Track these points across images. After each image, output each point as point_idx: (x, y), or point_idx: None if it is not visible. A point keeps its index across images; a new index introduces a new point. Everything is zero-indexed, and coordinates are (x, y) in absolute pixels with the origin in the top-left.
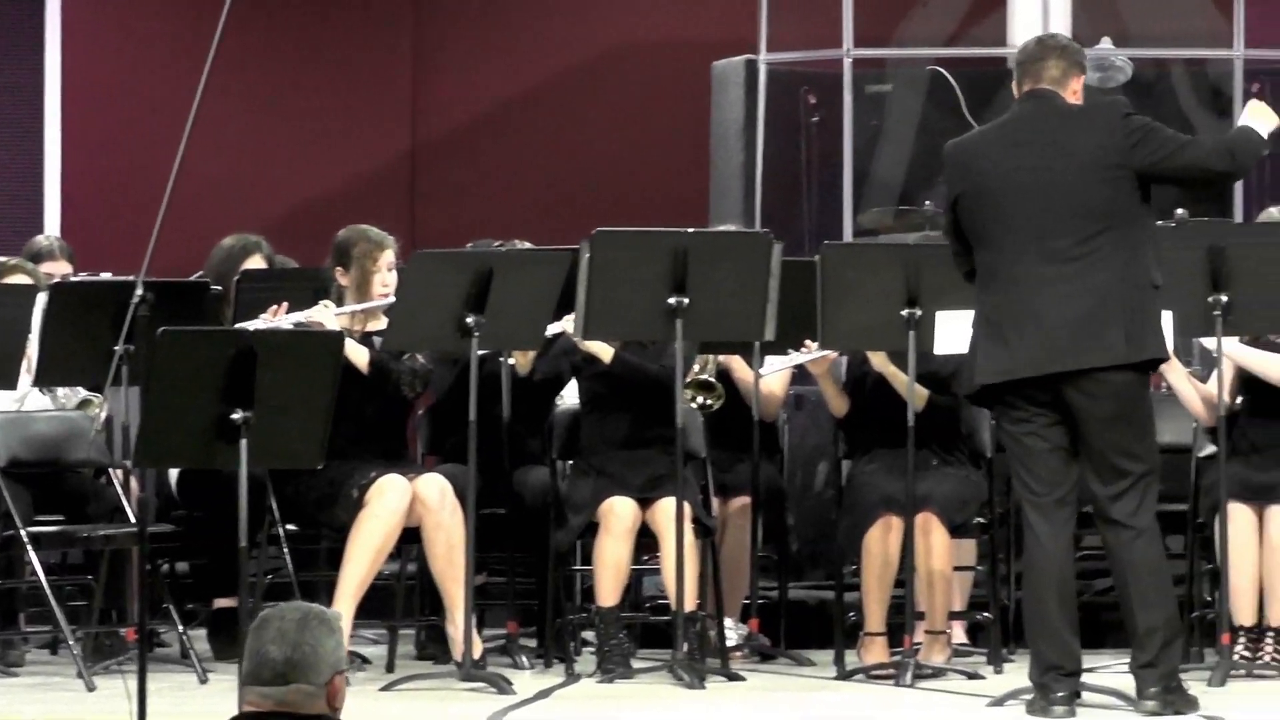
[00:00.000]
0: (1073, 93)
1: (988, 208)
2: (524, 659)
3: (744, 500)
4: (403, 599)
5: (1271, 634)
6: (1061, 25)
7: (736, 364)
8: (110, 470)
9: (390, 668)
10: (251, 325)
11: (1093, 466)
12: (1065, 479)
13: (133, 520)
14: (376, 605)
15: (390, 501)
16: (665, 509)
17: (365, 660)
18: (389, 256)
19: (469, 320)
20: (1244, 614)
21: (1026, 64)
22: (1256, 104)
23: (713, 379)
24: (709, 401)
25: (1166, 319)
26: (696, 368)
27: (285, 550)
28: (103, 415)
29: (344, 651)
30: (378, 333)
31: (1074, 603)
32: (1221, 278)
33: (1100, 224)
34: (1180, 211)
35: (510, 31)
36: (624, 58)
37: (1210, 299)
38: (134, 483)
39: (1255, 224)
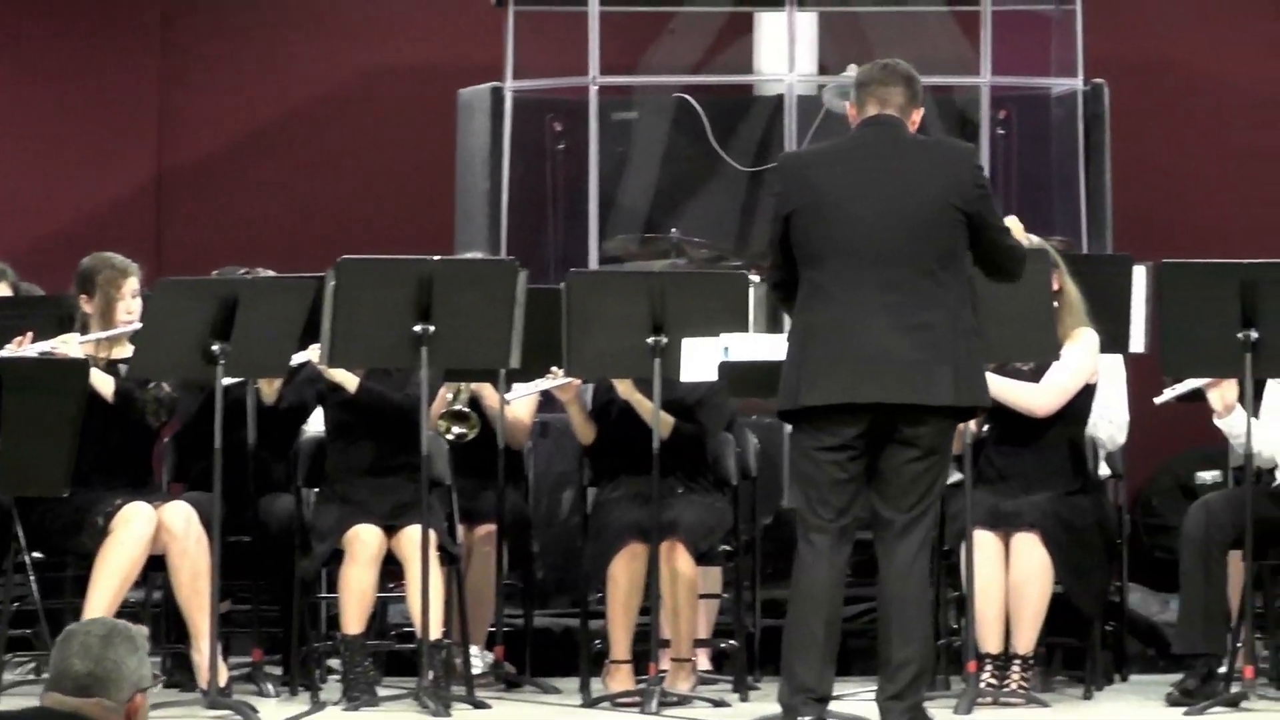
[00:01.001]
0: (912, 124)
1: (825, 227)
2: (269, 686)
3: (489, 528)
4: (149, 626)
5: (1018, 661)
6: (808, 52)
7: (487, 392)
8: None
9: None
10: None
11: (888, 497)
12: (853, 508)
13: None
14: None
15: (136, 529)
16: (410, 536)
17: None
18: (133, 284)
19: (214, 348)
20: (990, 642)
21: (870, 87)
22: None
23: (466, 409)
24: (464, 431)
25: None
26: (449, 397)
27: (31, 578)
28: None
29: (148, 669)
30: (123, 360)
31: (838, 632)
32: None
33: (938, 262)
34: None
35: (258, 55)
36: (371, 84)
37: None
38: None
39: None
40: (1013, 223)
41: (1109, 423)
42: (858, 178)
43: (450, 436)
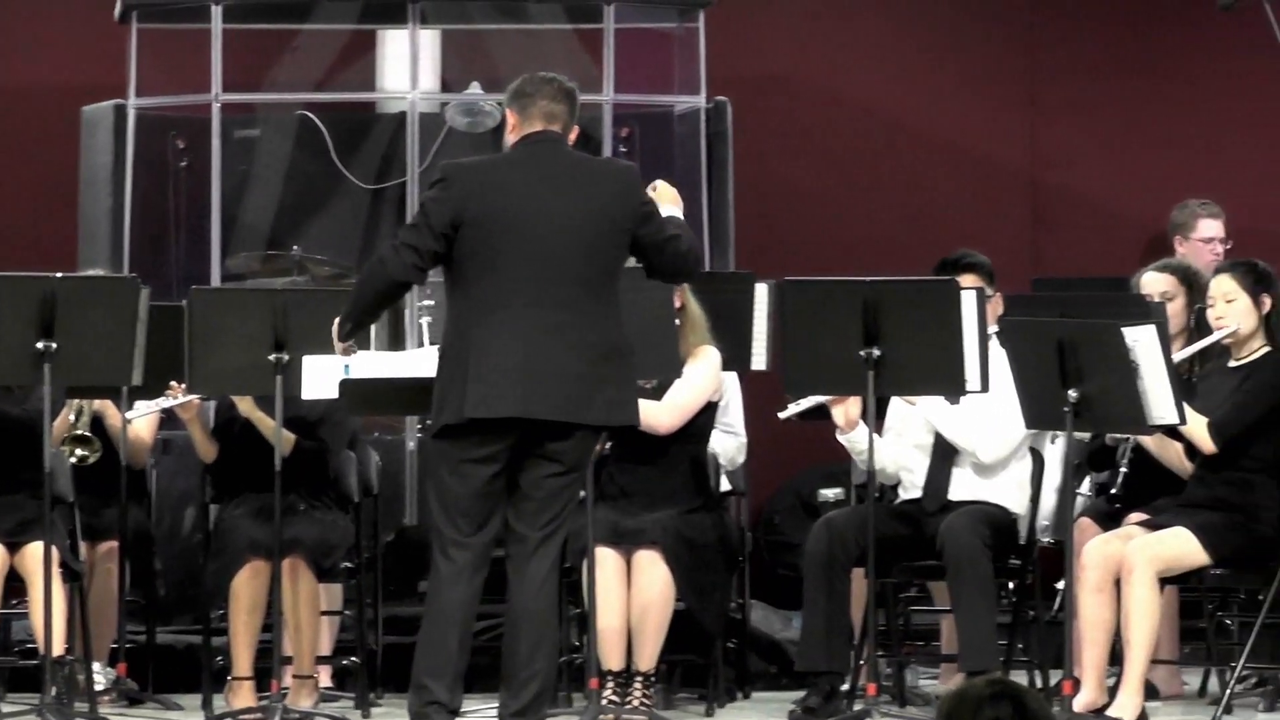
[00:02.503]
0: (571, 141)
1: (498, 241)
2: None
3: (111, 544)
4: None
5: (640, 678)
6: (431, 70)
7: (109, 409)
8: None
9: None
10: None
11: (526, 513)
12: (493, 525)
13: None
14: None
15: None
16: (33, 553)
17: None
18: None
19: None
20: (612, 659)
21: (538, 101)
22: (665, 188)
23: (88, 433)
24: (86, 454)
25: None
26: (71, 418)
27: None
28: None
29: None
30: None
31: (469, 647)
32: None
33: (602, 281)
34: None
35: None
36: None
37: None
38: None
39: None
40: (663, 188)
41: (730, 440)
42: (531, 193)
43: (73, 460)
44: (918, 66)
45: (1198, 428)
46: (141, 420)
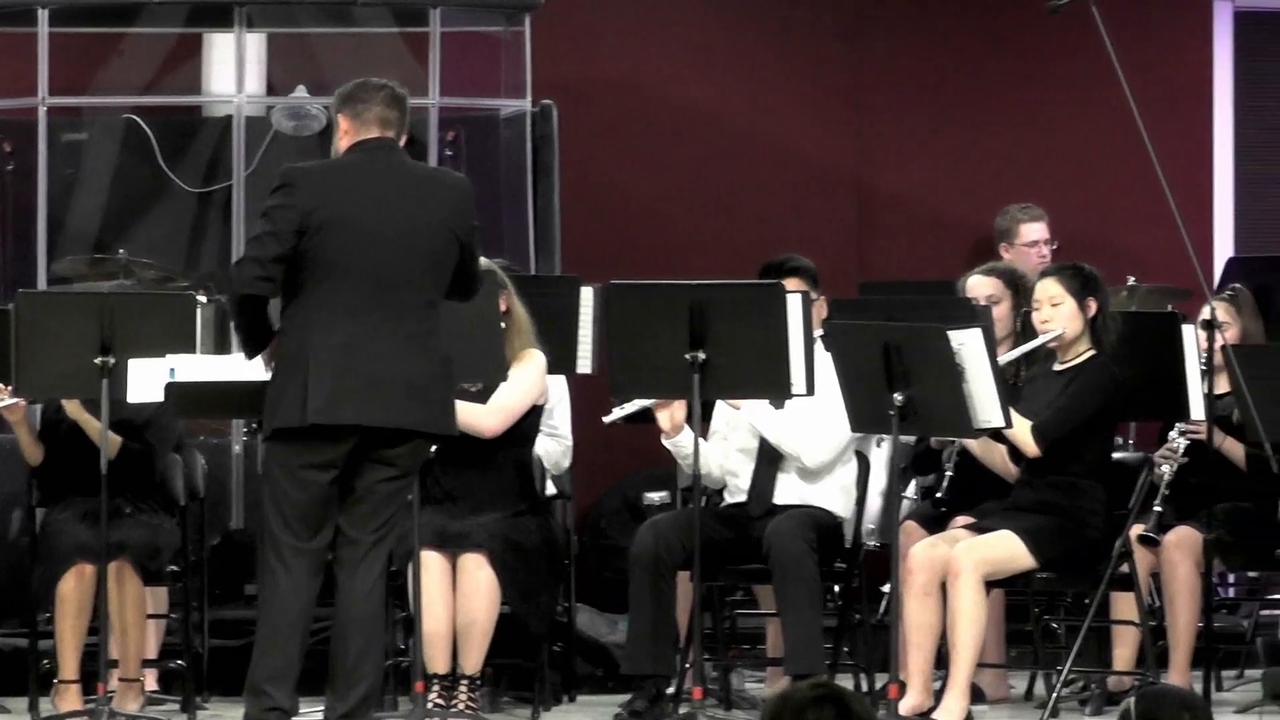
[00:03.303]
0: (402, 148)
1: (334, 245)
2: None
3: None
4: None
5: (465, 682)
6: (257, 74)
7: None
8: None
9: None
10: None
11: (358, 517)
12: (328, 530)
13: None
14: None
15: None
16: None
17: None
18: None
19: None
20: (438, 662)
21: (373, 107)
22: None
23: None
24: None
25: None
26: None
27: None
28: None
29: None
30: None
31: (303, 654)
32: None
33: (437, 290)
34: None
35: None
36: None
37: None
38: None
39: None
40: None
41: (556, 444)
42: (373, 200)
43: None
44: (743, 69)
45: (1023, 431)
46: None
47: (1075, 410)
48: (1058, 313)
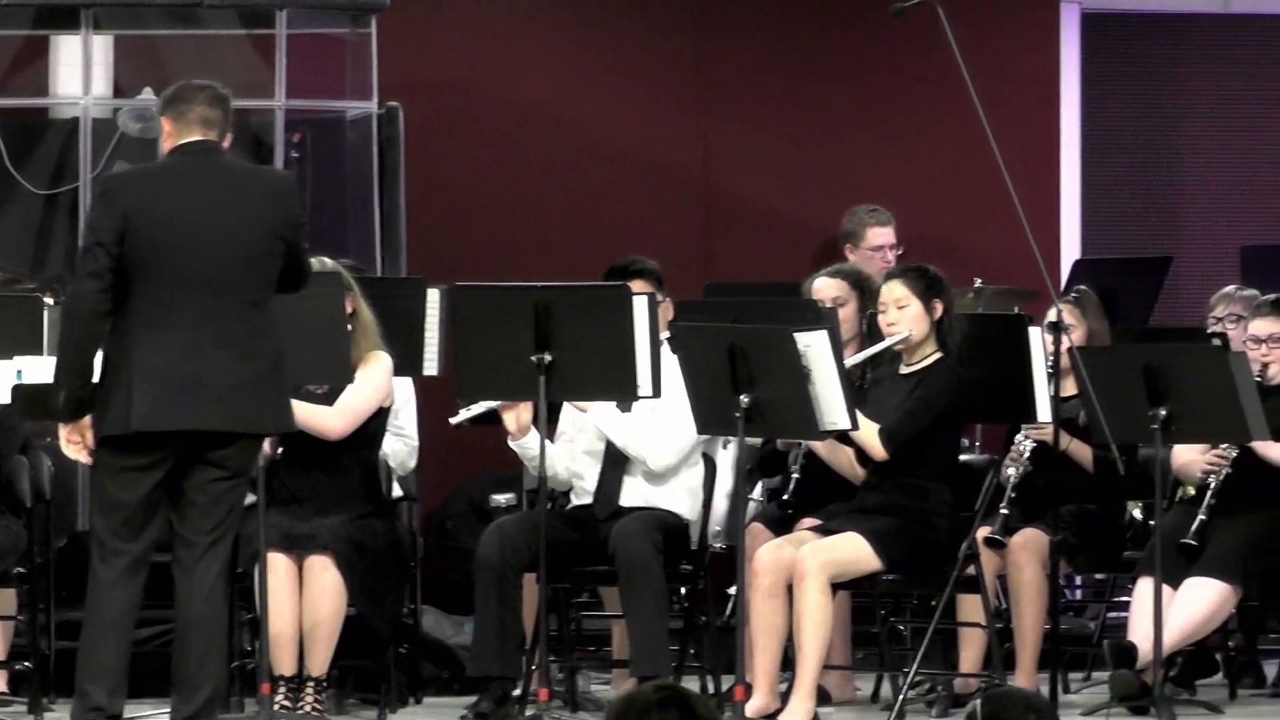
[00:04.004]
0: (226, 147)
1: (155, 250)
2: None
3: None
4: None
5: (312, 684)
6: (104, 76)
7: None
8: None
9: None
10: None
11: (191, 519)
12: (151, 531)
13: None
14: None
15: None
16: None
17: None
18: None
19: None
20: (284, 664)
21: (195, 109)
22: None
23: None
24: None
25: None
26: None
27: None
28: None
29: None
30: None
31: (129, 653)
32: None
33: (262, 290)
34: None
35: None
36: None
37: None
38: None
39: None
40: None
41: (402, 445)
42: (192, 203)
43: None
44: (589, 71)
45: (869, 434)
46: None
47: (922, 413)
48: (904, 315)
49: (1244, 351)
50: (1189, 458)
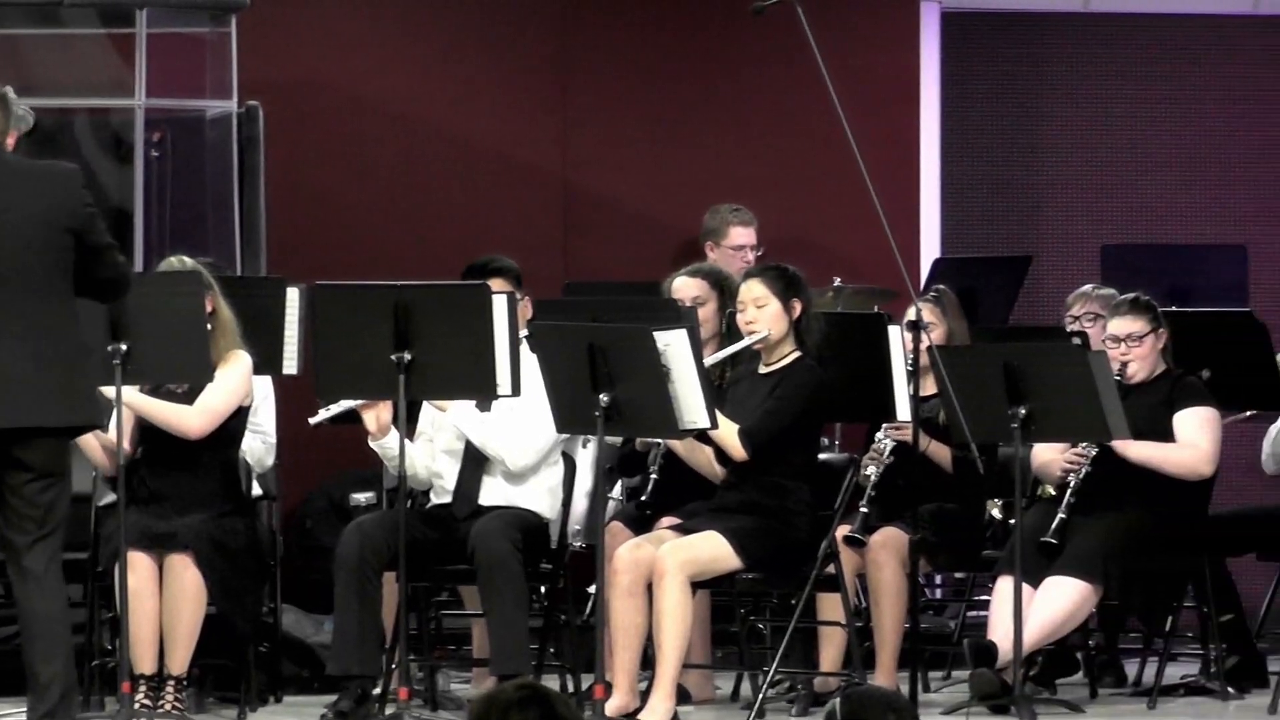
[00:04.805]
0: (10, 146)
1: None
2: None
3: None
4: None
5: (172, 682)
6: None
7: None
8: None
9: None
10: None
11: (13, 520)
12: None
13: None
14: None
15: None
16: None
17: None
18: None
19: None
20: (144, 663)
21: None
22: None
23: None
24: None
25: None
26: None
27: None
28: None
29: None
30: None
31: None
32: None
33: (54, 284)
34: None
35: None
36: None
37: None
38: None
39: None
40: None
41: (260, 443)
42: None
43: None
44: (449, 70)
45: (729, 433)
46: None
47: (782, 413)
48: (762, 314)
49: (1104, 350)
50: (1049, 457)
